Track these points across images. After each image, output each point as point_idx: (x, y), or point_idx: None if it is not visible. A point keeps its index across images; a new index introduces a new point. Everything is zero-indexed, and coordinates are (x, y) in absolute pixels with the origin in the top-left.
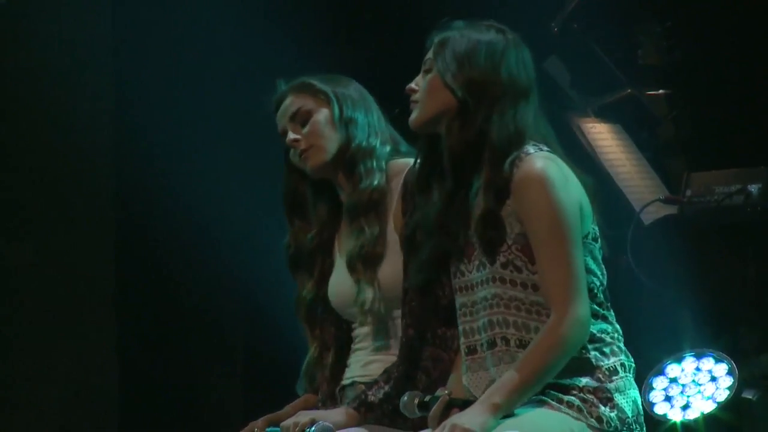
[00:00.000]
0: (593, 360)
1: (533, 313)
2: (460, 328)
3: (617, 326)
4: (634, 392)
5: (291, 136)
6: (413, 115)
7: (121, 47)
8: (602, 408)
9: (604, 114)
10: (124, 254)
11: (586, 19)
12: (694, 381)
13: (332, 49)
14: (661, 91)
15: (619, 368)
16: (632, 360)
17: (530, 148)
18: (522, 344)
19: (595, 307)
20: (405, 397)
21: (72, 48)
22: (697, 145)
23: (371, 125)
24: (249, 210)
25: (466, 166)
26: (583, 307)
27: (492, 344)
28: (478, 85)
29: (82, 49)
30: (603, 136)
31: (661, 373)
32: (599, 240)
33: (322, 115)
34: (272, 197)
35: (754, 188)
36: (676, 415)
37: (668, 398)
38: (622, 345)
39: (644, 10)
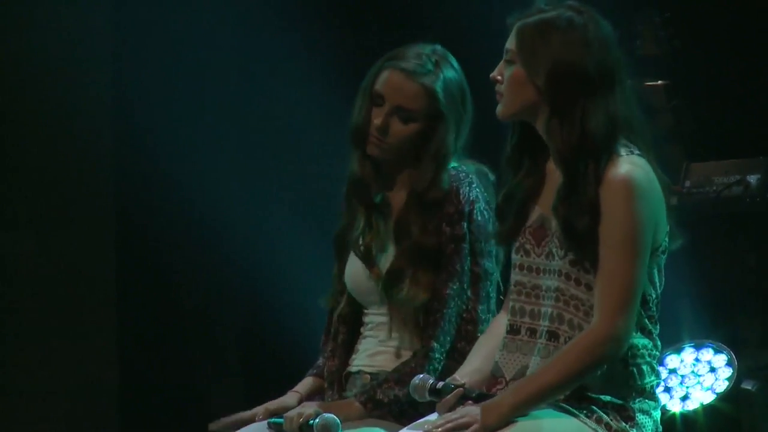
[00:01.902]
0: (630, 378)
1: (590, 315)
2: (511, 304)
3: (659, 343)
4: (657, 413)
5: (379, 123)
6: (499, 108)
7: (122, 44)
8: (622, 424)
9: None
10: (124, 252)
11: None
12: (693, 372)
13: (333, 46)
14: (659, 82)
15: (647, 389)
16: (660, 378)
17: (621, 149)
18: None
19: (645, 320)
20: (416, 380)
21: (72, 45)
22: (696, 135)
23: (447, 164)
24: (249, 207)
25: (576, 162)
26: (626, 324)
27: (541, 336)
28: (565, 80)
29: (82, 46)
30: None
31: (661, 363)
32: (667, 251)
33: (417, 129)
34: (273, 196)
35: (753, 179)
36: (675, 406)
37: (667, 389)
38: (655, 364)
39: (642, 1)
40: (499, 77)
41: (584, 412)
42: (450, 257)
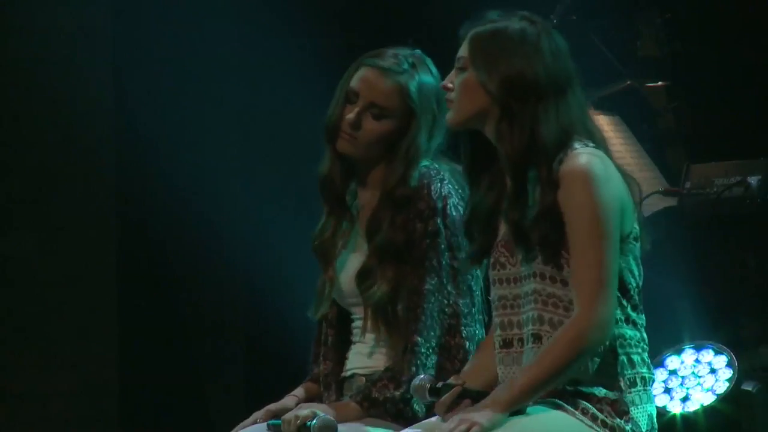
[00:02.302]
0: (618, 366)
1: (571, 311)
2: (497, 320)
3: (644, 335)
4: (651, 407)
5: (352, 117)
6: (449, 115)
7: (122, 45)
8: (617, 420)
9: (603, 106)
10: (125, 254)
11: (585, 11)
12: (693, 373)
13: (333, 44)
14: (660, 83)
15: (638, 381)
16: (653, 372)
17: (576, 144)
18: None
19: (629, 310)
20: (416, 381)
21: (72, 45)
22: (697, 136)
23: (418, 162)
24: (252, 210)
25: (525, 167)
26: (607, 308)
27: (527, 341)
28: (517, 85)
29: (82, 46)
30: (602, 128)
31: (661, 365)
32: (639, 240)
33: (391, 126)
34: (275, 199)
35: (753, 180)
36: (675, 407)
37: (668, 390)
38: (645, 356)
39: (643, 1)
40: (450, 85)
41: (579, 408)
42: (426, 253)
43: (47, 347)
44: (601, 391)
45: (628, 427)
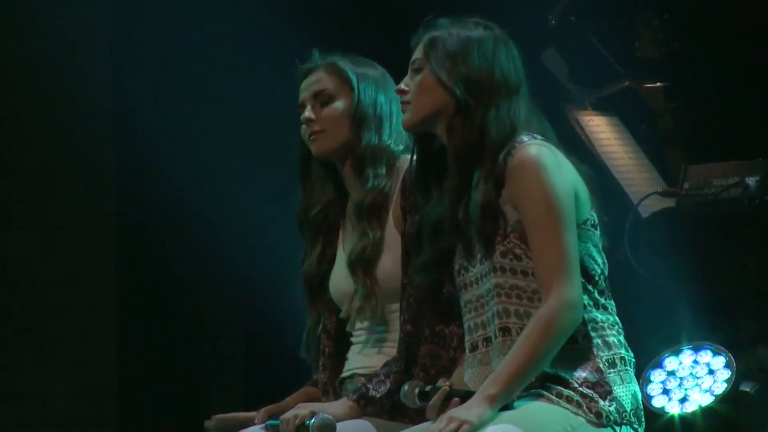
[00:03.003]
0: (594, 348)
1: (535, 300)
2: (465, 324)
3: (617, 318)
4: (634, 386)
5: (307, 114)
6: (406, 116)
7: (121, 45)
8: (601, 402)
9: (601, 106)
10: (124, 254)
11: (583, 12)
12: (691, 374)
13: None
14: (658, 84)
15: (618, 361)
16: (632, 354)
17: (524, 137)
18: None
19: (596, 295)
20: (406, 387)
21: (71, 46)
22: (695, 137)
23: (390, 124)
24: (251, 211)
25: (470, 164)
26: (574, 289)
27: (495, 336)
28: (474, 83)
29: (81, 47)
30: (601, 129)
31: (659, 365)
32: (598, 228)
33: (343, 103)
34: (275, 199)
35: (752, 181)
36: (673, 408)
37: (666, 391)
38: (622, 338)
39: (642, 2)
40: (405, 87)
41: (564, 397)
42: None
43: (47, 347)
44: (580, 375)
45: (612, 408)
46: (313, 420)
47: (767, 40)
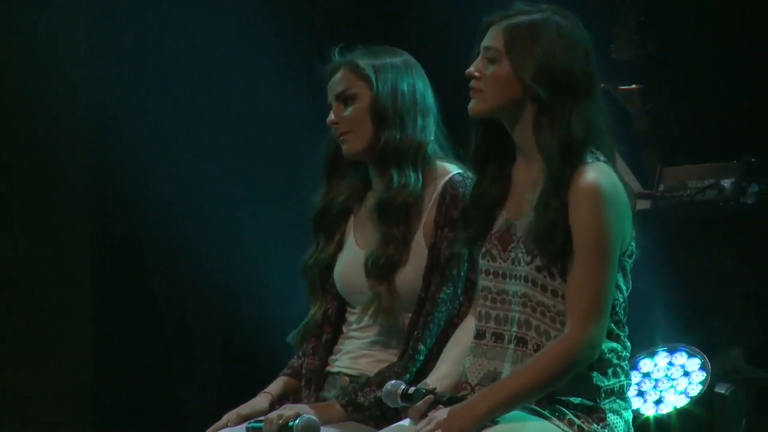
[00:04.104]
0: (595, 380)
1: (557, 322)
2: (478, 309)
3: (627, 343)
4: (628, 414)
5: (332, 117)
6: (475, 104)
7: (99, 47)
8: (594, 426)
9: None
10: (100, 255)
11: None
12: (667, 376)
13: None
14: (634, 86)
15: (616, 389)
16: (630, 379)
17: (588, 157)
18: (538, 349)
19: (612, 325)
20: (389, 386)
21: (49, 47)
22: (670, 139)
23: (417, 114)
24: (228, 213)
25: (563, 159)
26: (599, 330)
27: (510, 341)
28: (556, 79)
29: (59, 48)
30: None
31: (635, 367)
32: (634, 255)
33: (364, 100)
34: (252, 202)
35: (726, 183)
36: (649, 410)
37: (641, 393)
38: (625, 364)
39: (617, 4)
40: (477, 73)
41: (556, 414)
42: (448, 261)
43: (21, 350)
44: (576, 399)
45: None
46: (297, 421)
47: (743, 43)
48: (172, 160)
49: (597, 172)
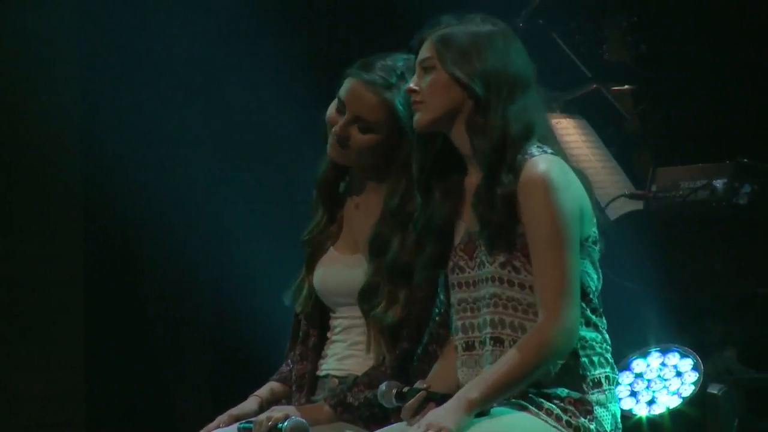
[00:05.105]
0: (581, 368)
1: (530, 314)
2: (459, 323)
3: (606, 336)
4: (615, 406)
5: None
6: (419, 117)
7: (88, 49)
8: (581, 419)
9: (569, 109)
10: (91, 257)
11: (551, 15)
12: (659, 376)
13: (307, 53)
14: (626, 87)
15: (603, 381)
16: (617, 373)
17: (534, 150)
18: None
19: (588, 313)
20: (383, 387)
21: (38, 49)
22: (663, 140)
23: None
24: (216, 212)
25: (498, 158)
26: (573, 313)
27: (485, 343)
28: (492, 80)
29: (48, 50)
30: (569, 132)
31: (627, 368)
32: (599, 243)
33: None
34: (240, 201)
35: (719, 183)
36: (641, 410)
37: (634, 393)
38: (609, 356)
39: (609, 5)
40: (416, 87)
41: (543, 409)
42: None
43: (13, 351)
44: (563, 392)
45: (592, 427)
46: (286, 423)
47: (735, 44)
48: (164, 156)
49: (544, 163)
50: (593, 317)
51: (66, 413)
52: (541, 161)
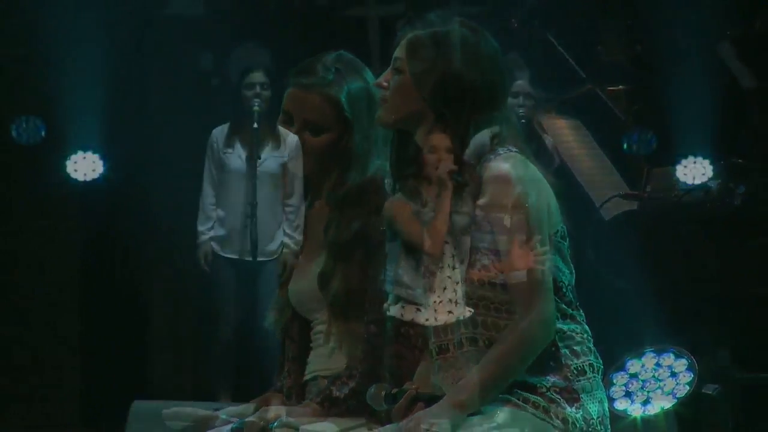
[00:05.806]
0: (563, 358)
1: (503, 312)
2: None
3: (586, 327)
4: (601, 393)
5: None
6: (382, 113)
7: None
8: (568, 409)
9: (565, 110)
10: (87, 256)
11: (546, 16)
12: (654, 376)
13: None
14: (621, 87)
15: (587, 369)
16: (601, 362)
17: (499, 149)
18: (491, 344)
19: (564, 306)
20: (372, 389)
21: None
22: (658, 141)
23: None
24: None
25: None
26: (548, 305)
27: (460, 344)
28: (454, 96)
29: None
30: (564, 132)
31: (622, 368)
32: (567, 238)
33: None
34: None
35: (713, 184)
36: (636, 411)
37: (628, 394)
38: (591, 345)
39: (605, 7)
40: (384, 83)
41: (531, 403)
42: (381, 245)
43: (8, 351)
44: (549, 380)
45: (578, 415)
46: (276, 423)
47: (731, 46)
48: (160, 165)
49: (506, 161)
50: (569, 310)
51: (60, 414)
52: (504, 159)
